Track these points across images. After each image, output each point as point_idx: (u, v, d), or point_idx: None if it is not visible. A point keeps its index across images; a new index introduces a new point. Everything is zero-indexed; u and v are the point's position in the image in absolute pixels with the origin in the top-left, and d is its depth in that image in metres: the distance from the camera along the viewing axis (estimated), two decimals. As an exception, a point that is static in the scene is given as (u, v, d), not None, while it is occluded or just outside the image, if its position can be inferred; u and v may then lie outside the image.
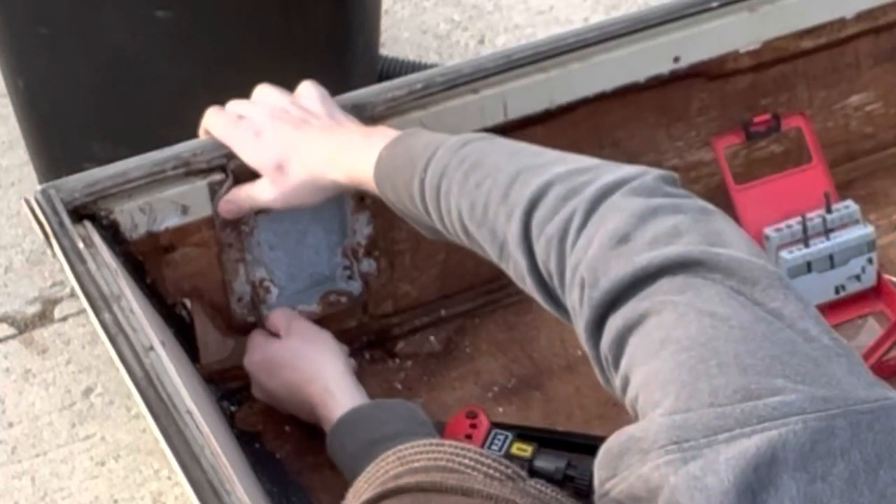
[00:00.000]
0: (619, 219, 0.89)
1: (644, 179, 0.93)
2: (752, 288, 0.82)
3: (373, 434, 1.16)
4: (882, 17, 1.48)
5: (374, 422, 1.18)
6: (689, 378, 0.77)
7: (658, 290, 0.84)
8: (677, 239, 0.86)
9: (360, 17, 1.73)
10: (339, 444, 1.20)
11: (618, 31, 1.34)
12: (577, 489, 1.24)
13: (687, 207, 0.90)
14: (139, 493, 1.56)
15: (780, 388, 0.74)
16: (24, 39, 1.63)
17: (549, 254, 0.93)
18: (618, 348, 0.85)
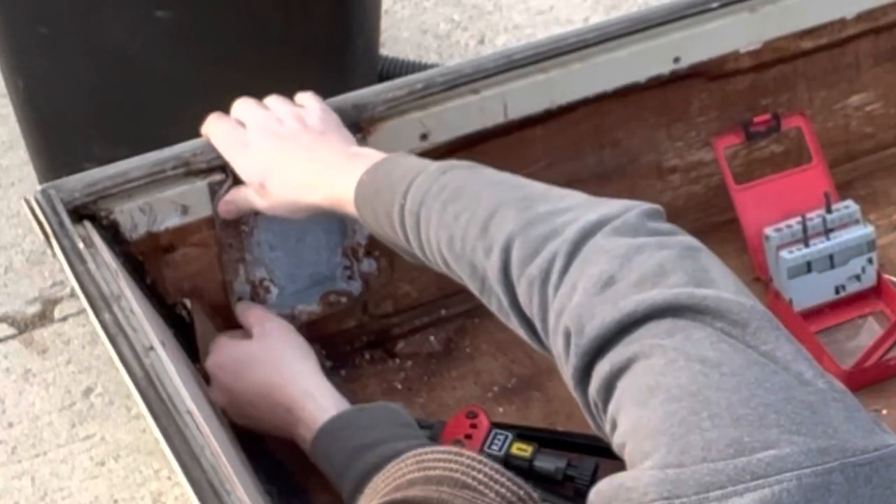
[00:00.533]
0: (602, 261, 0.87)
1: (626, 217, 0.91)
2: (743, 330, 0.80)
3: (357, 440, 1.13)
4: (882, 18, 1.48)
5: (358, 428, 1.15)
6: (681, 431, 0.75)
7: (646, 333, 0.82)
8: (663, 279, 0.84)
9: (360, 17, 1.73)
10: (324, 452, 1.17)
11: (618, 31, 1.34)
12: (577, 489, 1.24)
13: (672, 244, 0.88)
14: (139, 493, 1.56)
15: (775, 441, 0.72)
16: (24, 39, 1.63)
17: (531, 297, 0.92)
18: (606, 393, 0.83)
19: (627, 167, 1.45)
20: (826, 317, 1.41)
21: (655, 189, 1.48)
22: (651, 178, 1.47)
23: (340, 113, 1.26)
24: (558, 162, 1.40)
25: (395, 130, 1.30)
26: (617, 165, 1.44)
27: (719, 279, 0.85)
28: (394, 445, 1.09)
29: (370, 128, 1.28)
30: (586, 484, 1.24)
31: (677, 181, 1.48)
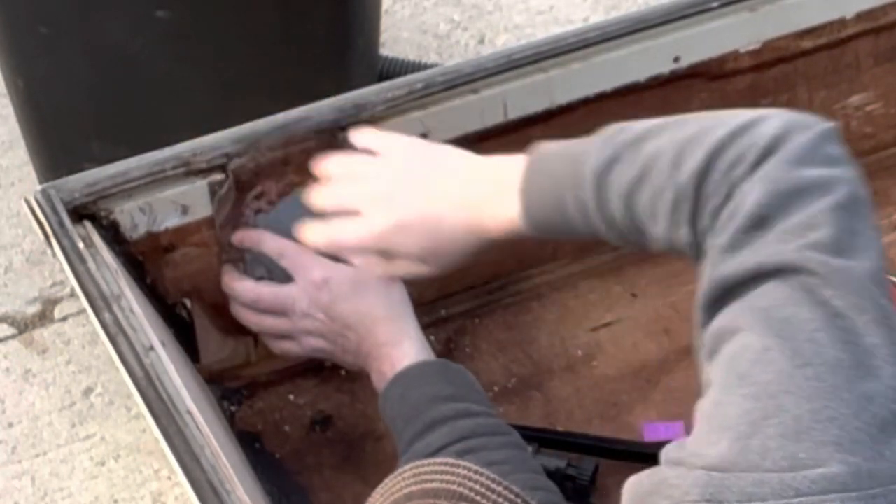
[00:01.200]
0: (764, 194, 0.88)
1: (803, 141, 0.91)
2: (858, 316, 0.80)
3: (438, 391, 1.12)
4: (882, 18, 1.48)
5: (441, 379, 1.14)
6: (748, 431, 0.77)
7: (765, 294, 0.83)
8: (811, 232, 0.85)
9: (360, 17, 1.73)
10: (400, 392, 1.14)
11: (618, 31, 1.34)
12: (577, 489, 1.24)
13: (837, 186, 0.89)
14: (139, 493, 1.56)
15: (828, 459, 0.73)
16: (24, 39, 1.63)
17: (718, 188, 0.91)
18: (711, 350, 0.85)
19: (627, 167, 1.44)
20: (826, 317, 1.41)
21: (655, 189, 1.48)
22: (651, 178, 1.47)
23: (340, 113, 1.26)
24: (558, 162, 1.40)
25: (395, 130, 1.29)
26: (617, 165, 1.44)
27: (863, 246, 0.86)
28: (469, 406, 1.09)
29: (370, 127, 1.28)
30: (586, 484, 1.24)
31: (677, 181, 1.48)
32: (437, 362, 1.17)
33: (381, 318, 1.19)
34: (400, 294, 1.22)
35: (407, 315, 1.21)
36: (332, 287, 1.21)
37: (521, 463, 1.06)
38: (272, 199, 1.28)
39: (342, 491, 1.28)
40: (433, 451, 1.05)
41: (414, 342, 1.18)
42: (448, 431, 1.06)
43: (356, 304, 1.20)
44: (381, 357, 1.18)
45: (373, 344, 1.19)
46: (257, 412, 1.35)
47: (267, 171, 1.26)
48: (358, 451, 1.31)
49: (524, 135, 1.36)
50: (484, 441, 1.06)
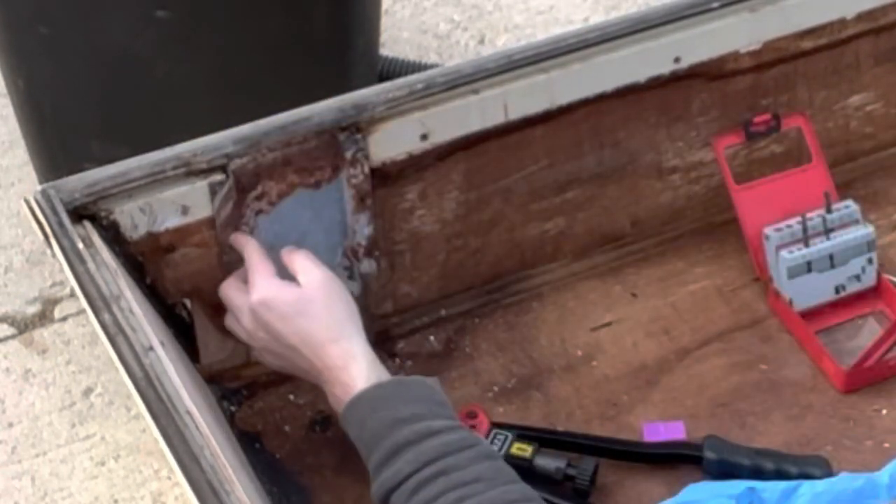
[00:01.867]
0: None
1: None
2: None
3: (396, 413, 1.11)
4: (882, 18, 1.48)
5: (398, 401, 1.13)
6: None
7: None
8: None
9: (360, 17, 1.73)
10: (358, 419, 1.14)
11: (618, 31, 1.34)
12: (577, 489, 1.24)
13: None
14: (139, 493, 1.56)
15: None
16: (24, 39, 1.63)
17: None
18: None
19: (627, 167, 1.45)
20: (826, 317, 1.41)
21: (655, 189, 1.48)
22: (651, 178, 1.47)
23: (340, 113, 1.27)
24: (558, 162, 1.40)
25: (395, 130, 1.30)
26: (617, 165, 1.44)
27: None
28: (430, 423, 1.09)
29: (370, 128, 1.28)
30: (586, 484, 1.24)
31: (677, 181, 1.48)
32: (391, 382, 1.16)
33: (323, 341, 1.18)
34: (344, 311, 1.21)
35: (352, 333, 1.19)
36: (272, 308, 1.20)
37: (493, 476, 1.06)
38: (272, 200, 1.28)
39: (342, 491, 1.28)
40: (403, 478, 1.05)
41: (360, 362, 1.16)
42: (413, 457, 1.06)
43: (296, 326, 1.19)
44: (331, 381, 1.17)
45: (322, 367, 1.18)
46: (257, 412, 1.35)
47: (267, 171, 1.26)
48: (358, 452, 1.31)
49: (524, 135, 1.36)
50: (452, 461, 1.05)
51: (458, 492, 1.03)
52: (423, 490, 1.03)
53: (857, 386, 1.34)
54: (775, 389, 1.35)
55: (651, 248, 1.50)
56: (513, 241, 1.44)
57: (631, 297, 1.45)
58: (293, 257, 1.24)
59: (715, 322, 1.42)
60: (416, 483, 1.04)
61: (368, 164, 1.30)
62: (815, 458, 1.27)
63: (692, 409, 1.34)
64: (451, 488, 1.03)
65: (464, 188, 1.37)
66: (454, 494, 1.02)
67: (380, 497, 1.07)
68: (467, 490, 1.03)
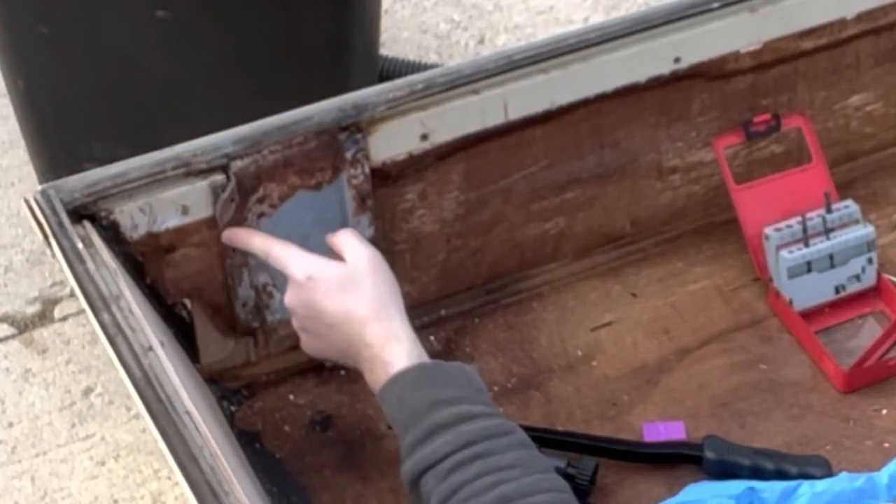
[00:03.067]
0: None
1: None
2: None
3: (436, 394, 1.11)
4: (882, 18, 1.48)
5: (438, 383, 1.13)
6: None
7: None
8: None
9: (360, 17, 1.73)
10: (398, 396, 1.13)
11: (618, 31, 1.34)
12: (577, 489, 1.24)
13: None
14: (139, 493, 1.56)
15: None
16: (24, 39, 1.63)
17: None
18: None
19: (627, 167, 1.45)
20: (826, 317, 1.41)
21: (655, 189, 1.48)
22: (651, 178, 1.47)
23: (340, 113, 1.27)
24: (558, 162, 1.40)
25: (396, 130, 1.30)
26: (617, 165, 1.44)
27: None
28: (469, 408, 1.09)
29: (370, 128, 1.28)
30: (586, 484, 1.24)
31: (677, 181, 1.48)
32: (432, 364, 1.15)
33: (366, 318, 1.17)
34: (388, 292, 1.20)
35: (395, 314, 1.18)
36: (317, 284, 1.19)
37: (529, 464, 1.06)
38: (274, 203, 1.27)
39: (342, 491, 1.28)
40: (439, 458, 1.05)
41: (403, 343, 1.16)
42: (452, 439, 1.06)
43: (340, 303, 1.18)
44: (371, 359, 1.16)
45: (361, 344, 1.17)
46: (257, 412, 1.35)
47: (268, 173, 1.26)
48: (358, 451, 1.31)
49: (524, 135, 1.36)
50: (490, 445, 1.06)
51: (495, 476, 1.03)
52: (459, 471, 1.04)
53: (857, 386, 1.34)
54: (775, 389, 1.35)
55: (651, 248, 1.50)
56: (513, 241, 1.44)
57: (631, 297, 1.45)
58: (339, 235, 1.24)
59: (715, 322, 1.42)
60: (452, 464, 1.04)
61: (369, 165, 1.30)
62: (815, 458, 1.27)
63: (692, 409, 1.34)
64: (487, 472, 1.03)
65: (464, 188, 1.37)
66: (490, 479, 1.03)
67: (413, 475, 1.07)
68: (504, 475, 1.03)
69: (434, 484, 1.05)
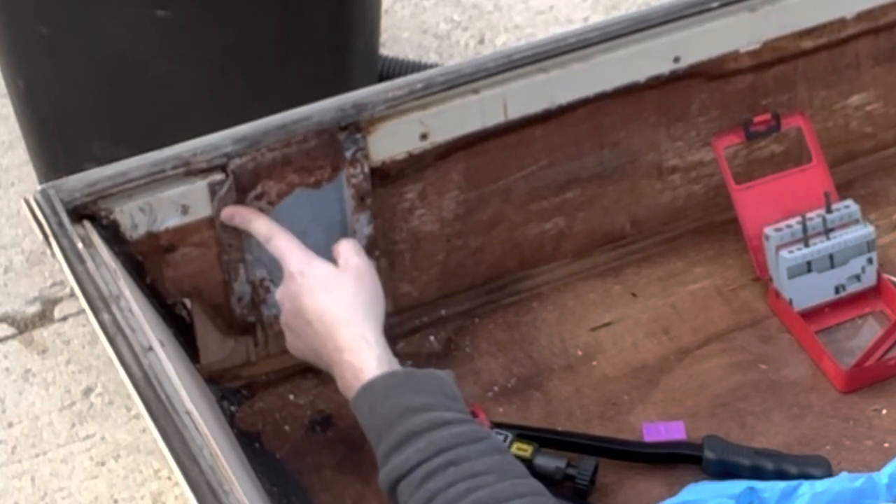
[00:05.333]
0: None
1: None
2: None
3: (407, 402, 1.11)
4: (882, 18, 1.48)
5: (409, 390, 1.12)
6: None
7: None
8: None
9: (360, 17, 1.73)
10: (369, 405, 1.13)
11: (618, 31, 1.34)
12: (577, 489, 1.24)
13: None
14: (139, 493, 1.56)
15: None
16: (24, 39, 1.63)
17: None
18: None
19: (627, 167, 1.45)
20: (826, 317, 1.41)
21: (655, 189, 1.48)
22: (651, 178, 1.47)
23: (340, 113, 1.27)
24: (558, 162, 1.40)
25: (395, 130, 1.30)
26: (617, 165, 1.44)
27: None
28: (441, 414, 1.09)
29: (370, 128, 1.28)
30: (586, 484, 1.24)
31: (677, 181, 1.48)
32: (403, 372, 1.15)
33: (339, 320, 1.18)
34: (367, 301, 1.20)
35: (369, 321, 1.18)
36: (305, 280, 1.21)
37: (503, 469, 1.05)
38: (272, 200, 1.28)
39: (342, 491, 1.28)
40: (412, 466, 1.05)
41: (373, 349, 1.16)
42: (424, 446, 1.06)
43: (319, 301, 1.19)
44: (341, 363, 1.16)
45: (333, 348, 1.17)
46: (257, 412, 1.35)
47: (267, 171, 1.26)
48: (358, 451, 1.31)
49: (524, 135, 1.36)
50: (463, 451, 1.05)
51: (468, 482, 1.03)
52: (432, 479, 1.04)
53: (857, 386, 1.34)
54: (775, 389, 1.35)
55: (651, 248, 1.50)
56: (513, 241, 1.44)
57: (631, 297, 1.45)
58: (339, 243, 1.25)
59: (715, 322, 1.42)
60: (425, 472, 1.04)
61: (368, 164, 1.30)
62: (815, 458, 1.27)
63: (692, 409, 1.34)
64: (461, 479, 1.03)
65: (464, 188, 1.37)
66: (464, 485, 1.02)
67: (388, 484, 1.07)
68: (477, 481, 1.03)
69: (409, 492, 1.05)
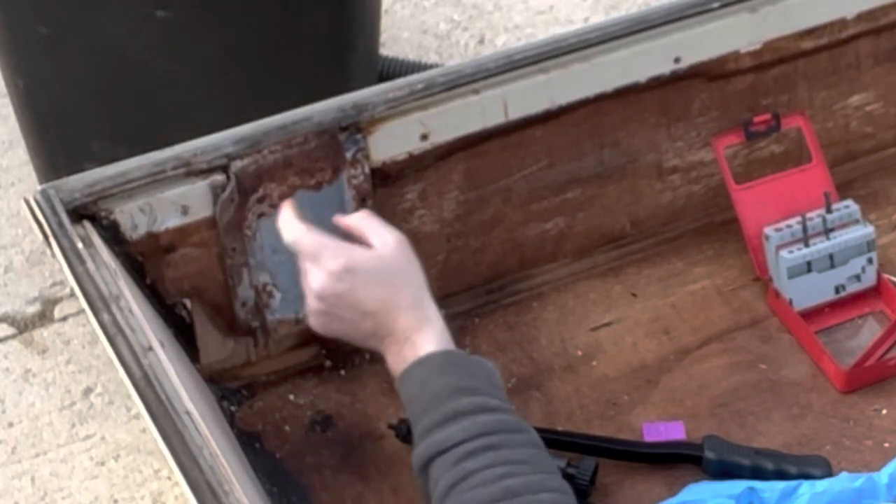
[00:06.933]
0: None
1: None
2: None
3: (459, 382, 1.11)
4: (882, 18, 1.48)
5: (462, 371, 1.13)
6: None
7: None
8: None
9: (360, 17, 1.73)
10: (422, 378, 1.13)
11: (618, 31, 1.34)
12: (577, 489, 1.24)
13: None
14: (139, 493, 1.56)
15: None
16: (24, 39, 1.63)
17: None
18: None
19: (627, 167, 1.45)
20: (826, 317, 1.41)
21: (655, 189, 1.48)
22: (651, 178, 1.47)
23: (340, 113, 1.27)
24: (558, 162, 1.40)
25: (396, 130, 1.30)
26: (617, 165, 1.44)
27: None
28: (488, 400, 1.10)
29: (370, 128, 1.28)
30: (586, 484, 1.24)
31: (677, 181, 1.48)
32: (460, 353, 1.16)
33: (404, 305, 1.17)
34: (420, 275, 1.20)
35: (428, 300, 1.19)
36: (355, 276, 1.18)
37: (539, 462, 1.07)
38: (274, 203, 1.27)
39: (342, 491, 1.28)
40: (454, 444, 1.06)
41: (435, 328, 1.16)
42: (469, 426, 1.07)
43: (380, 295, 1.17)
44: (401, 341, 1.16)
45: (392, 329, 1.17)
46: (257, 412, 1.35)
47: (269, 173, 1.26)
48: (358, 451, 1.31)
49: (524, 135, 1.36)
50: (504, 438, 1.07)
51: (504, 468, 1.04)
52: (470, 459, 1.04)
53: (857, 386, 1.34)
54: (775, 389, 1.35)
55: (651, 248, 1.50)
56: (513, 241, 1.44)
57: (631, 297, 1.45)
58: (358, 219, 1.22)
59: (715, 322, 1.42)
60: (465, 451, 1.05)
61: (369, 165, 1.30)
62: (815, 458, 1.27)
63: (692, 409, 1.34)
64: (497, 464, 1.04)
65: (464, 188, 1.37)
66: (499, 470, 1.04)
67: (423, 459, 1.07)
68: (512, 468, 1.04)
69: (444, 469, 1.05)
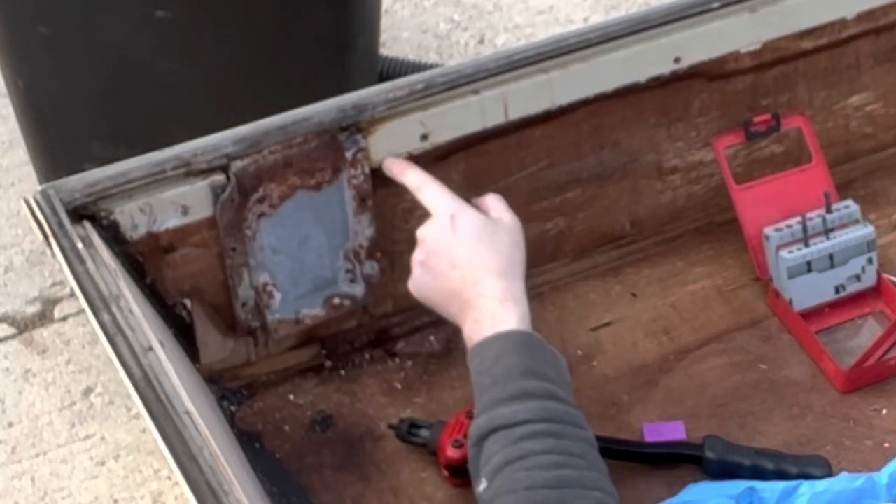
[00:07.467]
0: None
1: None
2: None
3: (534, 365, 1.13)
4: (882, 18, 1.48)
5: (538, 355, 1.14)
6: None
7: None
8: None
9: (360, 17, 1.73)
10: (497, 352, 1.14)
11: (618, 31, 1.34)
12: (577, 489, 1.24)
13: None
14: (139, 493, 1.56)
15: None
16: (24, 39, 1.63)
17: None
18: None
19: (627, 167, 1.45)
20: (826, 317, 1.41)
21: (655, 189, 1.48)
22: (651, 178, 1.47)
23: (340, 113, 1.27)
24: (558, 162, 1.40)
25: (396, 130, 1.30)
26: (617, 165, 1.44)
27: None
28: (558, 390, 1.12)
29: (370, 128, 1.28)
30: (586, 484, 1.24)
31: (677, 181, 1.48)
32: (539, 338, 1.16)
33: (492, 270, 1.18)
34: (520, 259, 1.22)
35: (519, 281, 1.20)
36: (458, 224, 1.21)
37: (594, 462, 1.09)
38: (274, 203, 1.28)
39: (342, 491, 1.28)
40: (518, 422, 1.07)
41: (520, 307, 1.17)
42: (536, 408, 1.08)
43: (474, 248, 1.20)
44: (481, 308, 1.17)
45: (476, 294, 1.17)
46: (257, 412, 1.35)
47: (269, 173, 1.26)
48: (358, 451, 1.31)
49: (524, 135, 1.36)
50: (566, 429, 1.08)
51: (561, 457, 1.05)
52: (531, 440, 1.06)
53: (857, 386, 1.34)
54: (775, 389, 1.35)
55: (651, 248, 1.50)
56: (513, 241, 1.44)
57: (631, 297, 1.45)
58: (487, 197, 1.26)
59: (715, 322, 1.42)
60: (527, 431, 1.06)
61: (369, 165, 1.30)
62: (815, 458, 1.27)
63: (692, 409, 1.34)
64: (556, 451, 1.05)
65: (464, 188, 1.37)
66: (557, 458, 1.05)
67: (484, 430, 1.08)
68: (569, 460, 1.05)
69: (503, 444, 1.06)
